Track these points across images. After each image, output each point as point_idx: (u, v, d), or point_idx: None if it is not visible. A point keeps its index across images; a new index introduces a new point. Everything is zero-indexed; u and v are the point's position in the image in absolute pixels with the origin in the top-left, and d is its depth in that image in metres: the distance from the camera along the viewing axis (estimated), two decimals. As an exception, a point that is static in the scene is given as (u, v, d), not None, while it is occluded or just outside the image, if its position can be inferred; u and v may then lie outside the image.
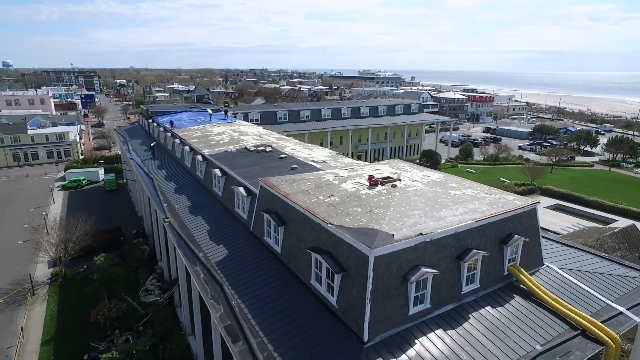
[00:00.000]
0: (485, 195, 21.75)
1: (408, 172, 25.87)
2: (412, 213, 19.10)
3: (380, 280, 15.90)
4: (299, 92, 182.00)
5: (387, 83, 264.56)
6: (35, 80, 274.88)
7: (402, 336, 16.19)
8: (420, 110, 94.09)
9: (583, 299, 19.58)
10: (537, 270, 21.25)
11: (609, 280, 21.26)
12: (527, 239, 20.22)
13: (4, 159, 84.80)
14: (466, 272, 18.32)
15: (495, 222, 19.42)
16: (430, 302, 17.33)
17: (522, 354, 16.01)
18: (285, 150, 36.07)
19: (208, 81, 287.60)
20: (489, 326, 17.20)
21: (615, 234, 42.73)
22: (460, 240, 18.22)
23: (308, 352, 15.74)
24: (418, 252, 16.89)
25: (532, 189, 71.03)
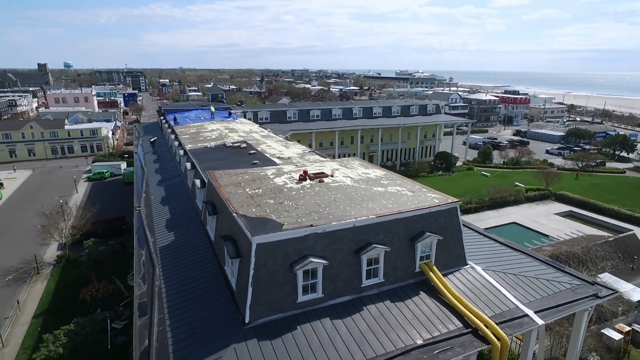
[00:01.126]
0: (407, 193, 22.02)
1: (351, 170, 26.47)
2: (321, 206, 19.88)
3: (263, 266, 16.90)
4: (328, 92, 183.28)
5: (422, 84, 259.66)
6: (88, 80, 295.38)
7: (287, 322, 17.08)
8: (437, 111, 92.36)
9: (493, 299, 19.48)
10: (457, 270, 21.27)
11: (532, 283, 20.88)
12: (441, 237, 20.32)
13: (43, 151, 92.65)
14: (366, 265, 18.85)
15: (403, 219, 19.75)
16: (323, 291, 18.07)
17: (400, 346, 16.41)
18: (260, 147, 37.53)
19: (246, 81, 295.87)
20: (379, 319, 17.67)
21: (609, 242, 40.60)
22: (360, 234, 18.78)
23: (196, 329, 17.03)
24: (308, 242, 17.69)
25: (546, 194, 68.03)
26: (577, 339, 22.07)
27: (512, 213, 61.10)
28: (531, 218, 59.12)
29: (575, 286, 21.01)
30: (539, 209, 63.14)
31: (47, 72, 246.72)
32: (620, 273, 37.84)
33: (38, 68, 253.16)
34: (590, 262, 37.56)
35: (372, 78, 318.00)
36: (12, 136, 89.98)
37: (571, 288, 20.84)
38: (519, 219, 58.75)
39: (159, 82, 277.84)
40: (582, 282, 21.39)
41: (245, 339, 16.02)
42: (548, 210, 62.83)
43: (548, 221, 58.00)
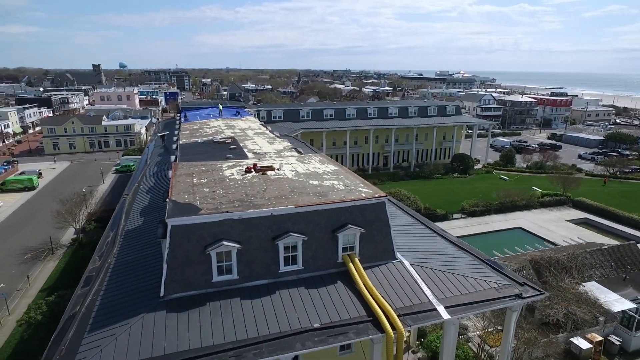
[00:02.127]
0: (339, 187, 22.88)
1: (304, 165, 27.63)
2: (249, 195, 21.28)
3: (178, 246, 18.58)
4: (359, 92, 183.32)
5: (459, 85, 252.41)
6: (139, 79, 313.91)
7: (201, 298, 18.64)
8: (457, 112, 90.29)
9: (409, 292, 19.96)
10: (385, 263, 21.85)
11: (456, 280, 21.07)
12: (364, 230, 21.05)
13: (82, 145, 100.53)
14: (283, 252, 20.02)
15: (324, 211, 20.70)
16: (238, 274, 19.47)
17: (296, 328, 17.47)
18: (245, 142, 39.44)
19: (284, 81, 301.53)
20: (287, 303, 18.78)
21: (602, 250, 38.75)
22: (279, 222, 19.97)
23: (122, 300, 19.01)
24: (224, 227, 19.16)
25: (563, 200, 65.02)
26: (507, 337, 21.97)
27: (521, 218, 59.12)
28: (539, 224, 56.96)
29: (501, 286, 20.94)
30: (551, 215, 60.61)
31: (100, 72, 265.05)
32: (609, 282, 36.07)
33: (93, 69, 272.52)
34: (575, 269, 36.13)
35: (409, 79, 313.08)
36: (56, 130, 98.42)
37: (496, 287, 20.81)
38: (525, 224, 56.81)
39: (201, 82, 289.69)
40: (511, 282, 21.26)
41: (155, 311, 17.76)
42: (561, 216, 60.16)
43: (557, 228, 55.65)
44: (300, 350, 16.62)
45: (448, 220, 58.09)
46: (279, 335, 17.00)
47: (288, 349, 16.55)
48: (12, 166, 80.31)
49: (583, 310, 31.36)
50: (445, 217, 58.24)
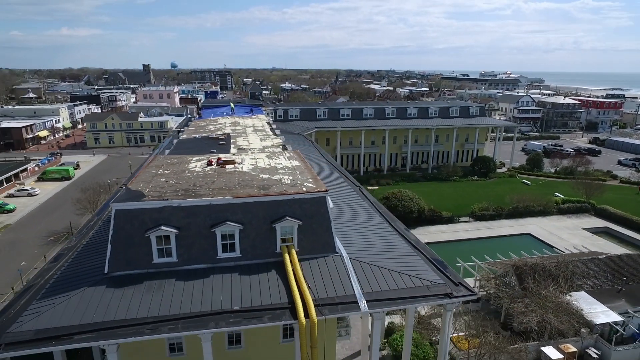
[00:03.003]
0: (285, 181, 23.85)
1: (271, 159, 28.86)
2: (196, 185, 22.83)
3: (121, 229, 20.45)
4: (393, 93, 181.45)
5: (502, 86, 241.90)
6: (186, 79, 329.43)
7: (142, 277, 20.40)
8: (481, 113, 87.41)
9: (337, 284, 20.59)
10: (324, 256, 22.56)
11: (390, 276, 21.37)
12: (302, 222, 21.91)
13: (120, 140, 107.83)
14: (221, 240, 21.36)
15: (263, 202, 21.80)
16: (178, 257, 21.05)
17: (217, 308, 18.75)
18: (238, 138, 41.30)
19: (323, 81, 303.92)
20: (217, 286, 20.09)
21: (597, 260, 36.80)
22: (217, 211, 21.33)
23: (75, 274, 21.18)
24: (164, 213, 20.80)
25: (584, 207, 61.57)
26: (443, 336, 22.03)
27: (533, 224, 56.79)
28: (551, 231, 54.49)
29: (434, 284, 21.01)
30: (567, 222, 57.69)
31: (149, 72, 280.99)
32: (601, 293, 34.26)
33: (143, 69, 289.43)
34: (563, 277, 34.65)
35: (449, 79, 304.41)
36: (98, 126, 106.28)
37: (428, 286, 20.93)
38: (535, 231, 54.55)
39: (242, 82, 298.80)
40: (446, 282, 21.26)
41: (96, 285, 19.73)
42: (578, 224, 57.11)
43: (570, 236, 52.98)
44: (212, 329, 17.90)
45: (453, 223, 56.98)
46: (197, 314, 18.35)
47: (201, 327, 17.89)
48: (55, 158, 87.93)
49: (560, 319, 30.21)
50: (451, 219, 57.15)
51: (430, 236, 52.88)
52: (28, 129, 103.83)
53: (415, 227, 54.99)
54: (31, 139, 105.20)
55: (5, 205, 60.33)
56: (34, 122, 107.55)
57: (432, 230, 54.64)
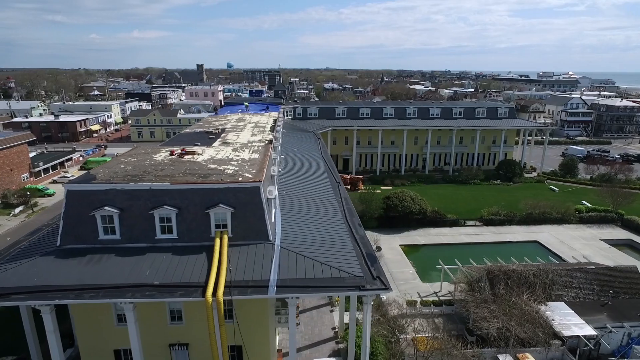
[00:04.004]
0: (229, 172, 25.32)
1: (234, 153, 30.51)
2: (145, 172, 24.99)
3: (72, 207, 23.03)
4: (434, 93, 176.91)
5: (559, 87, 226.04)
6: (238, 78, 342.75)
7: (88, 251, 22.83)
8: (511, 115, 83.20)
9: (258, 269, 21.65)
10: (257, 243, 23.73)
11: (313, 267, 22.01)
12: (233, 209, 23.28)
13: (161, 135, 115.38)
14: (159, 222, 23.29)
15: (199, 189, 23.43)
16: (121, 235, 23.29)
17: (138, 282, 20.65)
18: (230, 133, 43.48)
19: (368, 81, 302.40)
20: (149, 263, 22.00)
21: (585, 270, 34.64)
22: (157, 196, 23.28)
23: (35, 246, 24.12)
24: (109, 195, 23.11)
25: (610, 217, 57.15)
26: (365, 328, 22.37)
27: (545, 232, 53.78)
28: (564, 240, 51.38)
29: (352, 277, 21.43)
30: (585, 232, 53.97)
31: (202, 71, 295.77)
32: (582, 306, 32.31)
33: (196, 68, 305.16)
34: (540, 286, 33.08)
35: (501, 80, 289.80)
36: (141, 121, 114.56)
37: (346, 277, 21.41)
38: (546, 239, 51.67)
39: (288, 81, 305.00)
40: (365, 276, 21.59)
41: (47, 255, 22.45)
42: (597, 234, 53.25)
43: (583, 246, 49.68)
44: (129, 299, 19.82)
45: (458, 226, 55.41)
46: (119, 285, 20.35)
47: (118, 297, 19.89)
48: (99, 149, 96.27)
49: (523, 328, 29.07)
50: (456, 222, 55.61)
51: (430, 238, 51.98)
52: (82, 123, 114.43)
53: (417, 229, 54.29)
54: (84, 132, 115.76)
55: (46, 190, 67.48)
56: (87, 117, 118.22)
57: (432, 232, 53.56)
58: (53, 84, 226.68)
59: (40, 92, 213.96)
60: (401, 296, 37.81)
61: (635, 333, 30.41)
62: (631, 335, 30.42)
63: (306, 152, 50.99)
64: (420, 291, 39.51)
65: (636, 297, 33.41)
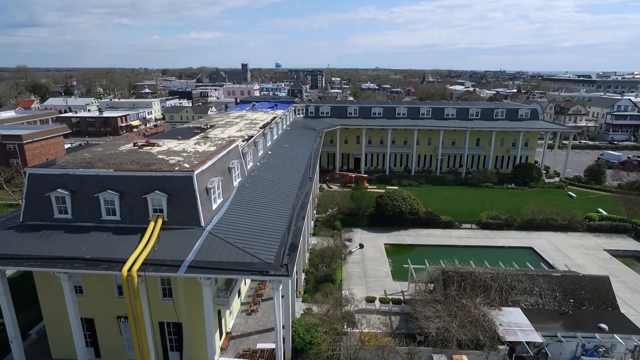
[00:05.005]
0: (171, 162, 27.49)
1: (196, 146, 32.79)
2: (101, 160, 27.81)
3: (33, 188, 26.29)
4: (472, 94, 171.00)
5: (617, 88, 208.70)
6: (281, 77, 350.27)
7: (43, 227, 26.03)
8: (533, 117, 79.10)
9: (182, 250, 23.66)
10: (189, 228, 25.72)
11: (230, 252, 23.71)
12: (167, 196, 25.41)
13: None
14: (104, 204, 25.96)
15: (139, 177, 25.84)
16: (72, 215, 26.23)
17: (73, 255, 23.34)
18: (217, 129, 46.07)
19: (410, 81, 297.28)
20: (89, 241, 24.68)
21: (548, 277, 33.36)
22: (102, 181, 25.97)
23: (6, 221, 27.71)
24: (63, 179, 26.12)
25: (623, 226, 53.48)
26: (276, 313, 23.62)
27: (544, 239, 51.47)
28: (561, 247, 49.00)
29: (261, 263, 22.75)
30: (589, 241, 50.96)
31: (246, 70, 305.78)
32: (539, 313, 31.26)
33: (241, 67, 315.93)
34: (497, 290, 32.33)
35: (550, 80, 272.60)
36: (174, 117, 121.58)
37: (256, 263, 22.77)
38: (542, 245, 49.50)
39: (329, 81, 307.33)
40: (275, 263, 22.83)
41: (9, 229, 25.86)
42: (602, 244, 50.17)
43: (580, 255, 47.20)
44: (59, 269, 22.51)
45: (452, 228, 54.29)
46: (55, 257, 23.14)
47: (51, 266, 22.66)
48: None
49: (464, 330, 28.76)
50: (450, 224, 54.56)
51: (418, 238, 51.50)
52: (123, 118, 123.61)
53: (408, 229, 53.93)
54: (125, 127, 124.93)
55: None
56: (128, 113, 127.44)
57: (423, 233, 52.98)
58: (110, 82, 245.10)
59: (98, 89, 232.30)
60: (365, 293, 38.27)
61: (590, 345, 28.94)
62: (585, 346, 28.98)
63: (297, 149, 52.48)
64: (389, 289, 39.66)
65: (602, 307, 31.64)
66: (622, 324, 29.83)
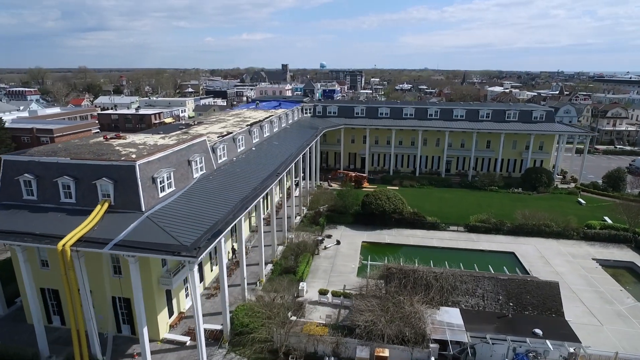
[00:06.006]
0: (124, 152, 30.49)
1: (162, 140, 35.78)
2: (68, 150, 31.42)
3: (6, 173, 30.33)
4: (508, 95, 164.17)
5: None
6: (322, 78, 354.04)
7: (14, 206, 29.96)
8: (549, 119, 75.38)
9: (114, 230, 26.44)
10: (132, 212, 28.54)
11: (156, 233, 26.18)
12: (116, 183, 28.39)
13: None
14: (62, 188, 29.44)
15: (90, 165, 29.03)
16: (37, 197, 29.98)
17: (25, 230, 26.90)
18: (200, 125, 49.18)
19: (452, 82, 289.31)
20: (45, 219, 28.20)
21: (495, 280, 32.89)
22: (61, 168, 29.43)
23: None
24: (30, 165, 29.94)
25: (622, 237, 50.45)
26: (193, 294, 25.67)
27: (531, 244, 49.90)
28: (545, 254, 47.42)
29: (177, 245, 24.94)
30: (579, 249, 48.77)
31: (286, 71, 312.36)
32: (479, 314, 31.13)
33: (281, 68, 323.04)
34: (437, 290, 32.49)
35: (602, 82, 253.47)
36: (203, 115, 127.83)
37: (174, 244, 25.01)
38: (525, 251, 48.15)
39: (368, 81, 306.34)
40: (191, 246, 24.97)
41: (-14, 207, 30.09)
42: (593, 253, 47.87)
43: (563, 263, 45.57)
44: (11, 241, 26.09)
45: (437, 230, 53.83)
46: (10, 231, 26.77)
47: (4, 239, 26.28)
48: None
49: (392, 325, 29.42)
50: (435, 226, 54.14)
51: (398, 238, 51.69)
52: (156, 115, 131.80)
53: (392, 228, 54.17)
54: (158, 124, 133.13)
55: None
56: (162, 111, 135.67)
57: (405, 233, 53.00)
58: (157, 82, 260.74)
59: (146, 89, 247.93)
60: (325, 286, 39.46)
61: (522, 349, 28.43)
62: (516, 350, 28.51)
63: (285, 146, 54.37)
64: (350, 284, 40.42)
65: (546, 313, 30.79)
66: (561, 331, 29.00)
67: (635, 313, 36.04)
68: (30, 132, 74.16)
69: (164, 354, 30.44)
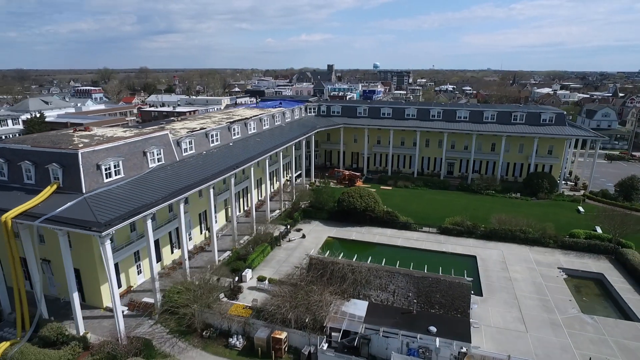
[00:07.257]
0: (78, 143, 35.12)
1: (128, 132, 40.27)
2: (44, 140, 36.73)
3: (-12, 157, 36.30)
4: (552, 97, 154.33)
5: None
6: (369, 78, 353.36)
7: (-9, 186, 35.90)
8: (559, 122, 70.98)
9: (54, 207, 31.01)
10: (74, 193, 32.96)
11: (89, 212, 30.31)
12: (62, 167, 33.02)
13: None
14: (25, 172, 34.68)
15: (44, 152, 33.97)
16: (8, 178, 35.55)
17: None
18: (184, 120, 53.51)
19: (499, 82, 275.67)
20: (8, 196, 33.58)
21: (409, 277, 33.48)
22: (24, 154, 34.69)
23: (-19, 180, 38.41)
24: (4, 152, 35.55)
25: (603, 247, 47.59)
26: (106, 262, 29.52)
27: (498, 249, 48.74)
28: (508, 260, 46.34)
29: (94, 222, 28.80)
30: (547, 258, 47.00)
31: (332, 71, 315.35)
32: (385, 309, 32.08)
33: (327, 68, 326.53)
34: (351, 283, 33.77)
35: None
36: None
37: (91, 221, 28.89)
38: (488, 256, 47.36)
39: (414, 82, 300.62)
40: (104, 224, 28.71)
41: (-29, 185, 36.21)
42: (563, 262, 45.96)
43: (522, 269, 44.43)
44: (-29, 213, 31.49)
45: (409, 230, 53.89)
46: None
47: (-32, 210, 31.81)
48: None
49: (295, 311, 31.30)
50: (407, 226, 54.32)
51: (366, 236, 52.51)
52: (190, 113, 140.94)
53: (364, 226, 54.99)
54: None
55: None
56: (197, 109, 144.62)
57: (375, 231, 53.64)
58: (208, 82, 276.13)
59: (197, 88, 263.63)
60: (272, 274, 41.72)
61: (415, 345, 28.95)
62: (409, 345, 29.07)
63: (264, 143, 57.25)
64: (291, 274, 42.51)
65: (452, 313, 30.83)
66: (457, 330, 29.07)
67: (571, 323, 34.50)
68: (65, 125, 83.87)
69: (102, 320, 34.66)
